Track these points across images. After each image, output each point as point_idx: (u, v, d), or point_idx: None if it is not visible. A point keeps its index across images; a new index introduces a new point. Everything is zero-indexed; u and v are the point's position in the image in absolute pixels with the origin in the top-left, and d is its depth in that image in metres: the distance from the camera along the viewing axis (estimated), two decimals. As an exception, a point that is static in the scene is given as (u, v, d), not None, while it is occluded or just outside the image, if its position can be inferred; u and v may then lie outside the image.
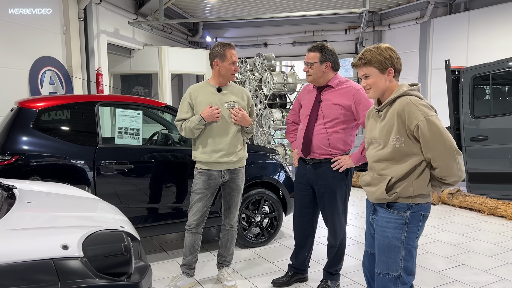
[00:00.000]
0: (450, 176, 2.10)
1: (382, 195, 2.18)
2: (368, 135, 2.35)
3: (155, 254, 4.16)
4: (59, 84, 6.68)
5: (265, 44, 12.63)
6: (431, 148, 2.07)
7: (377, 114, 2.27)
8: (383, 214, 2.22)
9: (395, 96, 2.17)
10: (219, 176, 3.26)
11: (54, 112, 3.65)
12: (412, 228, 2.17)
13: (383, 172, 2.20)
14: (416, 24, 10.70)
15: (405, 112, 2.10)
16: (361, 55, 2.23)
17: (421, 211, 2.18)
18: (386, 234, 2.19)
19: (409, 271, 2.20)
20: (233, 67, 3.20)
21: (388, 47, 2.22)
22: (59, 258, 1.66)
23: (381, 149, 2.21)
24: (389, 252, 2.19)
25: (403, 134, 2.12)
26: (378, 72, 2.19)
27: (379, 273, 2.23)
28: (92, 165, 3.53)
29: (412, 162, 2.13)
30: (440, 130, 2.06)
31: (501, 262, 3.95)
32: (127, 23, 8.93)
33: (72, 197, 2.54)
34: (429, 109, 2.10)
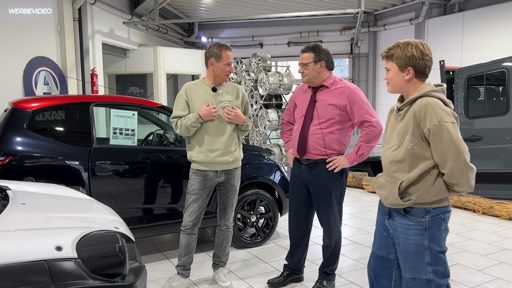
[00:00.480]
0: (457, 185, 2.03)
1: (396, 200, 2.12)
2: (388, 133, 2.27)
3: (151, 255, 4.15)
4: (54, 84, 6.65)
5: (260, 45, 12.64)
6: (439, 155, 2.01)
7: (397, 113, 2.20)
8: (401, 220, 2.15)
9: (416, 96, 2.09)
10: (214, 177, 3.26)
11: (48, 113, 3.63)
12: (434, 233, 2.09)
13: (394, 174, 2.14)
14: (411, 24, 10.75)
15: (421, 114, 2.03)
16: (389, 48, 2.16)
17: (441, 214, 2.11)
18: (409, 241, 2.12)
19: (440, 274, 2.12)
20: (227, 68, 3.19)
21: (417, 46, 2.10)
22: (53, 259, 1.65)
23: (395, 150, 2.15)
24: (414, 257, 2.12)
25: (417, 136, 2.06)
26: (397, 69, 2.13)
27: (408, 278, 2.16)
28: (86, 166, 3.51)
29: (423, 166, 2.06)
30: (453, 138, 1.97)
31: (496, 261, 3.97)
32: (122, 23, 8.91)
33: (66, 198, 2.52)
34: (446, 114, 2.00)
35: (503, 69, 5.64)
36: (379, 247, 2.34)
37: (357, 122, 3.07)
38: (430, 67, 2.13)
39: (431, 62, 2.13)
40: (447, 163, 1.99)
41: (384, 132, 2.33)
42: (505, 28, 8.67)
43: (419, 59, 2.09)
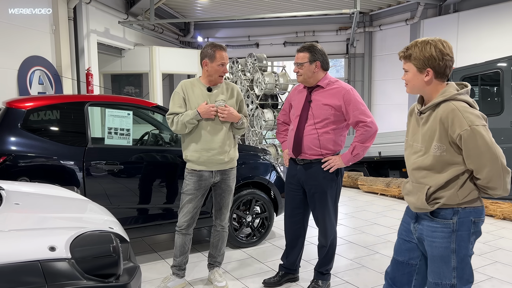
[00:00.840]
0: (493, 189, 1.94)
1: (423, 205, 2.03)
2: (410, 136, 2.17)
3: (146, 255, 4.14)
4: (48, 84, 6.62)
5: (256, 45, 12.63)
6: (473, 160, 1.90)
7: (419, 116, 2.09)
8: (427, 223, 2.06)
9: (440, 100, 1.97)
10: (210, 177, 3.25)
11: (43, 112, 3.61)
12: (462, 235, 1.99)
13: (422, 180, 2.05)
14: (406, 25, 10.78)
15: (448, 119, 1.91)
16: (407, 47, 2.04)
17: (471, 216, 1.99)
18: (435, 244, 2.03)
19: (464, 280, 2.03)
20: (221, 69, 3.18)
21: (436, 45, 1.97)
22: (46, 260, 1.64)
23: (422, 156, 2.05)
24: (439, 262, 2.03)
25: (445, 142, 1.95)
26: (416, 70, 2.01)
27: (431, 282, 2.08)
28: (81, 166, 3.50)
29: (453, 172, 1.96)
30: (487, 142, 1.87)
31: (490, 261, 3.99)
32: (118, 23, 8.88)
33: (60, 198, 2.51)
34: (476, 117, 1.90)
35: (497, 70, 5.67)
36: (399, 251, 2.26)
37: (352, 122, 3.08)
38: (451, 67, 2.01)
39: (452, 62, 2.00)
40: (484, 169, 1.89)
41: (406, 134, 2.23)
42: (499, 29, 8.72)
43: (438, 60, 1.97)
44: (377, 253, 4.22)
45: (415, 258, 2.21)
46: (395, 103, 11.46)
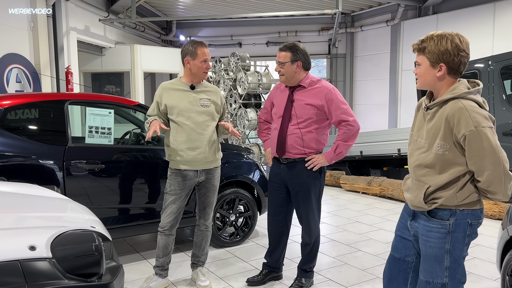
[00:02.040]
0: (493, 194, 1.90)
1: (420, 204, 2.00)
2: (415, 131, 2.11)
3: (127, 255, 4.09)
4: (26, 82, 6.48)
5: (239, 44, 12.63)
6: (476, 162, 1.86)
7: (426, 111, 2.03)
8: (424, 222, 2.04)
9: (448, 97, 1.90)
10: (194, 177, 3.23)
11: (21, 111, 3.54)
12: (457, 237, 1.96)
13: (423, 178, 2.01)
14: (387, 26, 10.95)
15: (454, 118, 1.86)
16: (422, 39, 1.95)
17: (468, 218, 1.95)
18: (429, 244, 2.01)
19: (457, 280, 2.02)
20: (204, 65, 3.15)
21: (453, 39, 1.89)
22: (26, 260, 1.60)
23: (424, 153, 2.00)
24: (432, 261, 2.02)
25: (449, 141, 1.90)
26: (428, 64, 1.93)
27: (422, 280, 2.07)
28: (61, 165, 3.43)
29: (454, 173, 1.92)
30: (492, 145, 1.82)
31: (468, 257, 4.05)
32: (98, 21, 8.75)
33: (40, 198, 2.46)
34: (484, 118, 1.84)
35: (475, 70, 5.80)
36: (396, 248, 2.26)
37: (335, 122, 3.11)
38: (466, 64, 1.93)
39: (467, 59, 1.92)
40: (485, 171, 1.85)
41: (411, 129, 2.18)
42: (476, 31, 8.93)
43: (453, 55, 1.88)
44: (359, 250, 4.28)
45: (411, 255, 2.20)
46: (375, 103, 11.63)
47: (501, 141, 5.85)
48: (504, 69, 5.54)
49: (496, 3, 8.62)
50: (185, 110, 3.14)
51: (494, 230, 4.87)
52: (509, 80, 5.70)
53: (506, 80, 5.60)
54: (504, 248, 2.75)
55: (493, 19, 8.71)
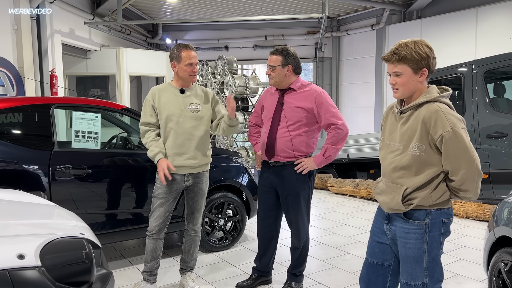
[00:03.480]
0: (465, 192, 1.98)
1: (398, 206, 2.04)
2: (387, 135, 2.16)
3: (115, 261, 4.03)
4: (10, 85, 6.36)
5: (226, 47, 12.62)
6: (451, 161, 1.93)
7: (399, 115, 2.08)
8: (401, 224, 2.08)
9: (423, 100, 1.97)
10: (182, 181, 3.21)
11: (4, 115, 3.47)
12: (434, 236, 2.03)
13: (399, 180, 2.05)
14: (373, 30, 11.07)
15: (431, 120, 1.92)
16: (395, 49, 1.98)
17: (442, 217, 2.04)
18: (408, 245, 2.06)
19: (435, 279, 2.07)
20: (189, 68, 3.12)
21: (426, 44, 1.97)
22: (15, 269, 1.56)
23: (399, 155, 2.05)
24: (412, 263, 2.06)
25: (425, 142, 1.96)
26: (411, 71, 1.97)
27: (404, 283, 2.11)
28: (47, 170, 3.37)
29: (430, 173, 1.99)
30: (466, 145, 1.90)
31: (455, 258, 4.14)
32: (83, 23, 8.65)
33: (26, 204, 2.41)
34: (458, 120, 1.93)
35: (459, 74, 5.90)
36: (373, 253, 2.27)
37: (324, 125, 3.12)
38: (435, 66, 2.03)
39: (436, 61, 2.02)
40: (460, 170, 1.92)
41: (382, 134, 2.23)
42: (459, 35, 9.10)
43: (432, 59, 1.97)
44: (348, 253, 4.30)
45: (389, 259, 2.22)
46: (362, 106, 11.73)
47: (485, 144, 5.94)
48: (487, 73, 5.65)
49: (479, 8, 8.80)
50: (173, 115, 3.12)
51: (479, 231, 4.95)
52: (492, 84, 5.82)
53: (489, 84, 5.71)
54: (490, 250, 2.79)
55: (475, 24, 8.88)
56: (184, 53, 3.10)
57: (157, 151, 3.09)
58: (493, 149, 5.48)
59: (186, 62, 3.11)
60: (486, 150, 5.50)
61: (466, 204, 5.61)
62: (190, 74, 3.14)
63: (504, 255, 2.60)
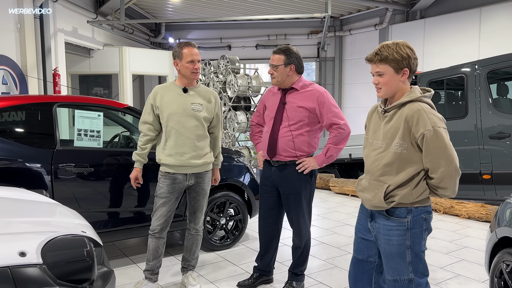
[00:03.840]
0: (444, 189, 2.05)
1: (380, 203, 2.11)
2: (370, 134, 2.24)
3: (117, 259, 4.04)
4: (13, 84, 6.38)
5: (228, 47, 12.63)
6: (431, 159, 2.01)
7: (383, 114, 2.16)
8: (383, 221, 2.15)
9: (406, 100, 2.06)
10: (184, 180, 3.21)
11: (7, 113, 3.48)
12: (415, 232, 2.10)
13: (381, 178, 2.12)
14: (375, 30, 11.05)
15: (413, 119, 2.00)
16: (378, 50, 2.08)
17: (423, 214, 2.11)
18: (391, 242, 2.12)
19: (420, 273, 2.13)
20: (191, 65, 3.12)
21: (407, 45, 2.07)
22: (16, 266, 1.57)
23: (382, 153, 2.12)
24: (397, 259, 2.13)
25: (407, 140, 2.04)
26: (393, 71, 2.06)
27: (390, 280, 2.16)
28: (49, 169, 3.38)
29: (411, 171, 2.06)
30: (446, 143, 1.99)
31: (456, 259, 4.13)
32: (87, 22, 8.67)
33: (29, 202, 2.42)
34: (439, 119, 2.01)
35: (462, 74, 5.89)
36: (359, 250, 2.32)
37: (326, 125, 3.12)
38: (417, 66, 2.12)
39: (417, 62, 2.12)
40: (439, 168, 2.00)
41: (366, 133, 2.29)
42: (463, 35, 9.07)
43: (413, 59, 2.06)
44: (349, 253, 4.29)
45: (374, 255, 2.29)
46: (364, 106, 11.70)
47: (488, 144, 5.93)
48: (490, 73, 5.63)
49: (482, 8, 8.77)
50: (175, 114, 3.13)
51: (481, 232, 4.94)
52: (495, 84, 5.80)
53: (492, 84, 5.69)
54: (492, 250, 2.78)
55: (479, 23, 8.86)
56: (186, 50, 3.11)
57: (136, 158, 3.23)
58: (496, 149, 5.47)
59: (187, 59, 3.11)
60: (488, 151, 5.49)
61: (469, 205, 5.59)
62: (192, 71, 3.14)
63: (506, 255, 2.59)
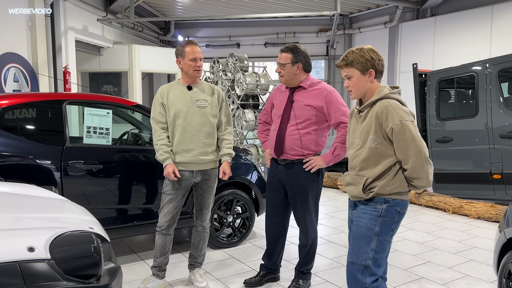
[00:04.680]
0: (417, 180, 2.19)
1: (360, 194, 2.28)
2: (351, 135, 2.41)
3: (125, 256, 4.08)
4: (24, 81, 6.46)
5: (237, 45, 12.62)
6: (402, 151, 2.16)
7: (358, 115, 2.34)
8: (361, 206, 2.32)
9: (376, 98, 2.23)
10: (190, 177, 3.23)
11: (18, 111, 3.53)
12: (386, 221, 2.24)
13: (360, 172, 2.28)
14: (385, 28, 10.96)
15: (383, 115, 2.17)
16: (344, 56, 2.28)
17: (398, 207, 2.25)
18: (361, 224, 2.28)
19: (378, 263, 2.26)
20: (194, 63, 3.14)
21: (371, 48, 2.26)
22: (25, 261, 1.60)
23: (359, 149, 2.28)
24: (361, 241, 2.26)
25: (380, 135, 2.20)
26: (359, 73, 2.24)
27: (349, 261, 2.30)
28: (59, 165, 3.42)
29: (386, 163, 2.21)
30: (413, 135, 2.13)
31: (465, 259, 4.10)
32: (96, 20, 8.74)
33: (38, 198, 2.45)
34: (406, 114, 2.17)
35: (472, 73, 5.82)
36: (349, 239, 2.46)
37: (334, 123, 3.11)
38: (383, 66, 2.30)
39: (383, 62, 2.30)
40: (410, 159, 2.15)
41: (347, 134, 2.49)
42: (474, 33, 8.96)
43: (377, 60, 2.24)
44: (357, 252, 4.28)
45: None
46: (373, 104, 11.64)
47: (498, 144, 5.86)
48: (501, 72, 5.56)
49: (494, 6, 8.65)
50: (181, 111, 3.15)
51: (491, 232, 4.89)
52: (507, 83, 5.73)
53: (503, 83, 5.62)
54: (501, 251, 2.76)
55: (490, 21, 8.74)
56: (188, 48, 3.14)
57: (166, 156, 3.14)
58: (507, 149, 5.40)
59: (190, 57, 3.13)
60: (499, 150, 5.43)
61: (478, 205, 5.54)
62: (194, 69, 3.16)
63: (514, 256, 2.57)
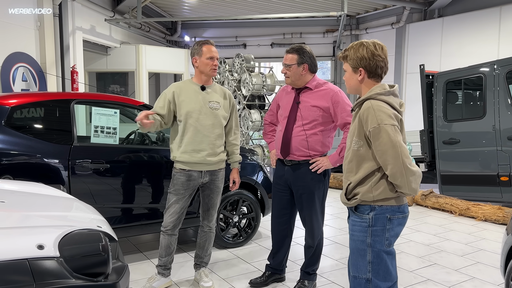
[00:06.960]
0: (399, 187, 2.04)
1: (343, 200, 2.18)
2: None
3: (131, 255, 4.10)
4: (32, 81, 6.52)
5: (244, 45, 12.64)
6: (380, 156, 2.03)
7: (351, 113, 2.30)
8: (351, 217, 2.21)
9: (362, 98, 2.12)
10: (198, 177, 3.24)
11: (27, 110, 3.56)
12: (377, 231, 2.09)
13: (346, 175, 2.18)
14: (392, 29, 10.93)
15: (364, 116, 2.05)
16: (346, 48, 2.19)
17: (387, 213, 2.08)
18: (353, 237, 2.17)
19: (381, 277, 2.11)
20: (211, 62, 3.17)
21: (368, 46, 2.10)
22: (34, 258, 1.62)
23: (347, 151, 2.20)
24: (356, 255, 2.16)
25: (362, 137, 2.08)
26: (351, 70, 2.16)
27: (351, 276, 2.22)
28: (67, 164, 3.45)
29: (368, 168, 2.08)
30: (391, 140, 1.98)
31: (472, 261, 4.07)
32: (104, 21, 8.79)
33: (46, 196, 2.47)
34: (387, 116, 2.00)
35: (480, 74, 5.79)
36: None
37: (340, 124, 3.11)
38: (383, 67, 2.13)
39: (383, 63, 2.12)
40: (388, 165, 2.00)
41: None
42: (482, 34, 8.91)
43: (369, 60, 2.10)
44: (362, 253, 4.27)
45: None
46: (380, 105, 11.60)
47: (506, 146, 5.81)
48: (509, 74, 5.53)
49: (502, 7, 8.60)
50: (194, 111, 3.15)
51: (498, 235, 4.86)
52: (515, 85, 5.69)
53: (511, 85, 5.58)
54: (508, 253, 2.74)
55: (498, 23, 8.69)
56: (205, 48, 3.16)
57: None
58: (515, 151, 5.36)
59: (207, 55, 3.15)
60: (507, 152, 5.39)
61: (485, 207, 5.51)
62: (211, 67, 3.18)
63: (522, 259, 2.55)
